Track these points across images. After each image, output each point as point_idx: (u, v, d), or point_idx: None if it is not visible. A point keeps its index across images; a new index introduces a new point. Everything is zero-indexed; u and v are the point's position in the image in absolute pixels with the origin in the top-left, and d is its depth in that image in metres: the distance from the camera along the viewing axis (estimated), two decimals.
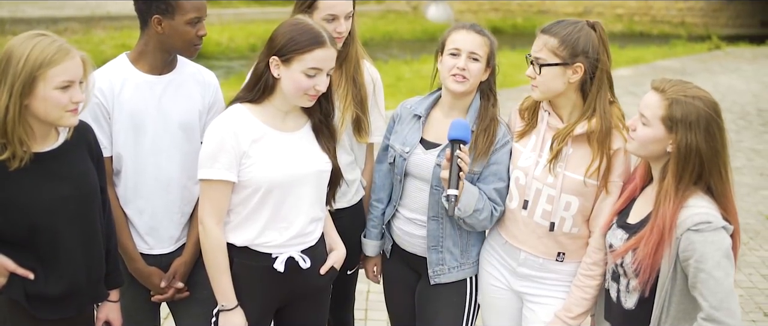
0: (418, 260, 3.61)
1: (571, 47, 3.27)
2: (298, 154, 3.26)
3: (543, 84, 3.31)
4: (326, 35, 3.19)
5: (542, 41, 3.29)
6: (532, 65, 3.31)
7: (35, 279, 2.93)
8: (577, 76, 3.30)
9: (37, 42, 2.78)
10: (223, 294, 3.22)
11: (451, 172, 3.22)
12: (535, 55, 3.30)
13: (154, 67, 3.39)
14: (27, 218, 2.88)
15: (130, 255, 3.45)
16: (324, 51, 3.16)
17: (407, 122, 3.61)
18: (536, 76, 3.30)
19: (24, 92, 2.76)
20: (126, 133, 3.37)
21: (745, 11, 22.44)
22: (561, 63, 3.27)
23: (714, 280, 2.84)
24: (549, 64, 3.27)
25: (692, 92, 2.97)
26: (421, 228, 3.55)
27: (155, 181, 3.42)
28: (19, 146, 2.81)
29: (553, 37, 3.28)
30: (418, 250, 3.60)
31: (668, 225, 2.92)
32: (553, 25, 3.32)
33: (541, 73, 3.28)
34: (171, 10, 3.27)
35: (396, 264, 3.74)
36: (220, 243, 3.20)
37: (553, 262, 3.42)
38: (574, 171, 3.32)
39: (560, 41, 3.27)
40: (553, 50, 3.27)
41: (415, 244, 3.61)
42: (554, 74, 3.29)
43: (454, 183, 3.20)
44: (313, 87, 3.17)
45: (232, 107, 3.26)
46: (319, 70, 3.16)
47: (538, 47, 3.30)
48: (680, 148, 2.93)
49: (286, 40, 3.16)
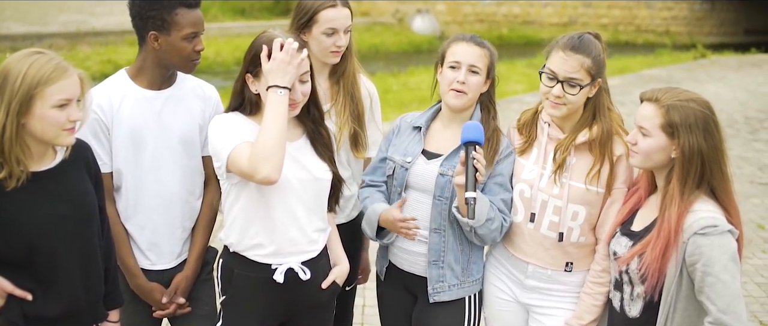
0: (416, 280, 3.52)
1: (598, 65, 3.25)
2: (293, 161, 3.22)
3: (574, 103, 3.27)
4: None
5: (578, 61, 3.21)
6: (561, 85, 3.22)
7: (33, 300, 2.89)
8: (594, 91, 3.30)
9: (35, 60, 2.74)
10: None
11: (467, 175, 3.15)
12: (570, 75, 3.22)
13: (152, 83, 3.37)
14: (25, 238, 2.84)
15: (131, 271, 3.43)
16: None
17: (407, 134, 3.57)
18: (566, 96, 3.24)
19: (21, 111, 2.72)
20: (126, 148, 3.35)
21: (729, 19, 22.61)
22: (591, 82, 3.25)
23: (721, 284, 2.86)
24: (584, 85, 3.23)
25: (685, 95, 3.01)
26: (422, 244, 3.48)
27: (156, 197, 3.40)
28: (16, 165, 2.77)
29: (587, 56, 3.22)
30: (417, 269, 3.51)
31: (675, 229, 2.93)
32: (578, 43, 3.25)
33: (579, 93, 3.23)
34: (167, 26, 3.25)
35: (392, 288, 3.64)
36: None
37: (561, 273, 3.41)
38: (579, 180, 3.31)
39: (593, 61, 3.23)
40: (588, 70, 3.23)
41: (414, 262, 3.52)
42: (585, 93, 3.27)
43: (472, 186, 3.14)
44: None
45: (229, 113, 3.27)
46: None
47: (574, 67, 3.22)
48: (684, 152, 2.95)
49: (252, 55, 3.16)
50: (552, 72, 3.25)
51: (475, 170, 3.16)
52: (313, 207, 3.28)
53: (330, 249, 3.45)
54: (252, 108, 3.22)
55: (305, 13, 3.63)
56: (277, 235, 3.21)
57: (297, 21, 3.65)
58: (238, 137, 3.10)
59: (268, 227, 3.20)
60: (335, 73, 3.77)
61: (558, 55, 3.25)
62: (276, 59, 3.06)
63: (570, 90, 3.22)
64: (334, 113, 3.72)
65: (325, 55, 3.66)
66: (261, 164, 2.97)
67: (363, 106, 3.81)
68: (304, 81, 3.19)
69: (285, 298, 3.26)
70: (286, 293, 3.24)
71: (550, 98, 3.27)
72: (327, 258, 3.41)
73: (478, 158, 3.17)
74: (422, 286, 3.50)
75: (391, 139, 3.64)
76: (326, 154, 3.34)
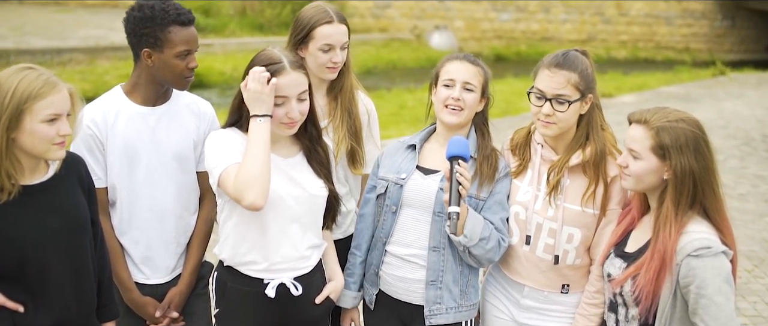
0: (411, 309, 3.42)
1: (586, 80, 3.23)
2: (288, 178, 3.23)
3: (565, 121, 3.24)
4: (287, 61, 3.17)
5: (564, 77, 3.19)
6: (549, 103, 3.20)
7: (25, 312, 2.92)
8: (586, 107, 3.27)
9: (25, 75, 2.78)
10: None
11: (451, 189, 3.13)
12: (557, 92, 3.19)
13: (147, 99, 3.40)
14: (16, 251, 2.87)
15: (125, 285, 3.45)
16: (283, 77, 3.14)
17: (400, 153, 3.52)
18: (555, 113, 3.21)
19: (11, 126, 2.76)
20: (120, 164, 3.38)
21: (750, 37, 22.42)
22: (580, 98, 3.23)
23: (715, 306, 2.82)
24: (573, 100, 3.21)
25: (674, 115, 2.98)
26: (417, 268, 3.39)
27: (149, 212, 3.43)
28: (7, 179, 2.81)
29: (573, 72, 3.20)
30: (413, 297, 3.41)
31: (669, 251, 2.90)
32: (563, 59, 3.23)
33: (568, 109, 3.21)
34: (160, 43, 3.28)
35: (382, 317, 3.51)
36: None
37: (557, 294, 3.38)
38: (573, 202, 3.29)
39: (580, 75, 3.21)
40: (576, 85, 3.21)
41: (408, 290, 3.42)
42: (575, 110, 3.24)
43: (455, 201, 3.12)
44: (286, 115, 3.16)
45: (226, 129, 3.28)
46: (285, 98, 3.15)
47: (560, 84, 3.19)
48: (676, 173, 2.92)
49: (247, 73, 3.17)
50: (539, 91, 3.24)
51: (458, 184, 3.14)
52: (307, 224, 3.28)
53: (325, 265, 3.45)
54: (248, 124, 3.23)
55: (301, 29, 3.65)
56: (269, 252, 3.22)
57: (294, 37, 3.67)
58: (229, 157, 3.12)
59: (261, 244, 3.21)
60: (333, 89, 3.78)
61: (544, 74, 3.24)
62: (250, 90, 3.09)
63: (559, 107, 3.20)
64: (332, 129, 3.73)
65: (322, 71, 3.67)
66: (246, 191, 3.00)
67: (360, 123, 3.81)
68: (302, 99, 3.20)
69: (277, 313, 3.26)
70: (277, 307, 3.25)
71: (540, 118, 3.25)
72: (321, 274, 3.40)
73: (463, 173, 3.15)
74: (417, 315, 3.41)
75: (381, 160, 3.57)
76: (322, 172, 3.34)
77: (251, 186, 3.00)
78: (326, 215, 3.38)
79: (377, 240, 3.49)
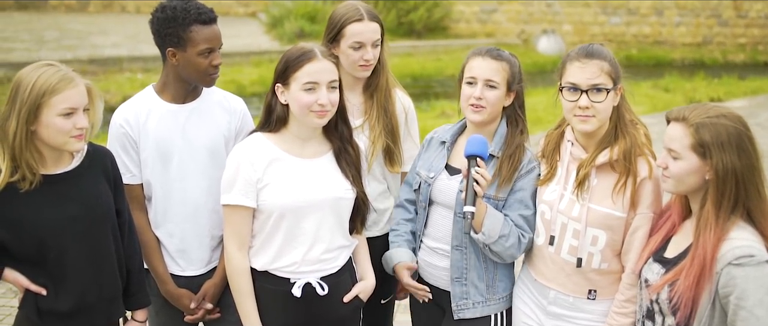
0: (442, 294, 3.49)
1: (615, 68, 3.15)
2: (315, 180, 3.28)
3: (604, 111, 3.14)
4: (318, 50, 3.24)
5: (597, 66, 3.11)
6: (585, 94, 3.10)
7: (47, 295, 3.08)
8: (618, 99, 3.18)
9: (43, 71, 2.94)
10: (247, 317, 3.28)
11: (467, 188, 3.12)
12: (592, 82, 3.10)
13: (176, 97, 3.51)
14: (35, 236, 3.02)
15: (161, 278, 3.57)
16: (314, 64, 3.20)
17: (434, 149, 3.56)
18: (594, 105, 3.11)
19: (30, 119, 2.93)
20: (153, 160, 3.49)
21: None
22: (614, 87, 3.14)
23: (755, 319, 2.68)
24: (609, 89, 3.12)
25: (714, 111, 2.83)
26: (445, 258, 3.46)
27: (183, 206, 3.53)
28: (28, 169, 2.97)
29: (604, 60, 3.12)
30: (441, 283, 3.49)
31: (709, 256, 2.76)
32: (591, 49, 3.15)
33: (606, 99, 3.11)
34: (183, 43, 3.38)
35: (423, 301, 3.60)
36: (240, 268, 3.26)
37: (584, 301, 3.27)
38: (600, 203, 3.17)
39: (610, 63, 3.13)
40: (609, 73, 3.12)
41: (437, 277, 3.50)
42: (611, 100, 3.14)
43: (470, 200, 3.11)
44: (316, 102, 3.19)
45: (251, 136, 3.34)
46: (315, 84, 3.19)
47: (595, 73, 3.10)
48: (718, 173, 2.78)
49: (282, 64, 3.25)
50: (573, 84, 3.13)
51: (475, 183, 3.11)
52: (333, 226, 3.32)
53: (356, 263, 3.48)
54: (278, 123, 3.30)
55: (333, 27, 3.69)
56: (295, 253, 3.28)
57: (327, 35, 3.72)
58: (236, 190, 3.23)
59: (287, 245, 3.27)
60: (368, 87, 3.80)
61: (574, 66, 3.14)
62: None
63: (596, 97, 3.10)
64: (368, 127, 3.75)
65: (354, 69, 3.70)
66: (225, 254, 3.36)
67: (397, 121, 3.81)
68: (333, 87, 3.25)
69: (303, 312, 3.31)
70: (304, 307, 3.29)
71: (577, 113, 3.14)
72: (350, 273, 3.43)
73: (481, 172, 3.13)
74: (448, 300, 3.47)
75: (421, 153, 3.64)
76: (351, 173, 3.36)
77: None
78: (355, 218, 3.41)
79: (416, 231, 3.58)
